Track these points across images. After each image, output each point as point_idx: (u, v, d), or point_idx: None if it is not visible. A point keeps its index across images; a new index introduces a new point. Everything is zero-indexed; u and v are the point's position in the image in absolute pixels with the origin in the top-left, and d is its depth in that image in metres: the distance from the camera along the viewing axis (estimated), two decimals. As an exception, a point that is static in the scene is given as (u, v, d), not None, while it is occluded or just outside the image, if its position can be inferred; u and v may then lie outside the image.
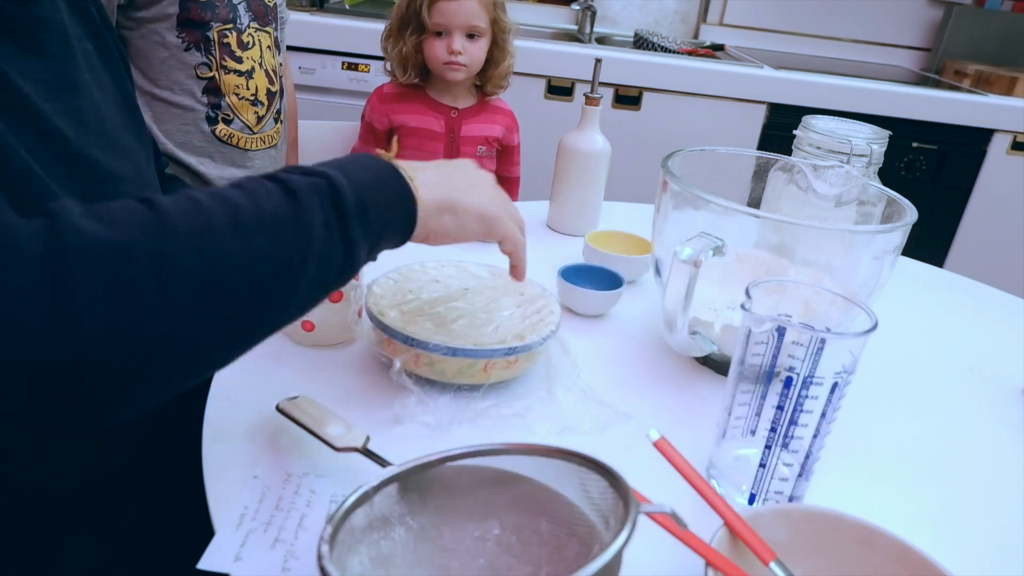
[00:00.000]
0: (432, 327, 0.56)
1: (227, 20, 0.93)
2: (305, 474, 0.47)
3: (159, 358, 0.32)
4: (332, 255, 0.38)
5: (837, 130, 0.73)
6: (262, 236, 0.35)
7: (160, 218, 0.33)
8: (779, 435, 0.45)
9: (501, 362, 0.55)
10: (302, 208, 0.37)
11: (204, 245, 0.33)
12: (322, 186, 0.38)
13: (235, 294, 0.34)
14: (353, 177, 0.40)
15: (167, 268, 0.31)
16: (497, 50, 1.17)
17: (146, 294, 0.31)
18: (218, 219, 0.34)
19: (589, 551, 0.36)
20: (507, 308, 0.60)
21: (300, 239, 0.36)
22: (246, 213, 0.35)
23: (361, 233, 0.39)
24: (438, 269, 0.65)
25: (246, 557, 0.40)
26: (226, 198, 0.35)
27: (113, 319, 0.30)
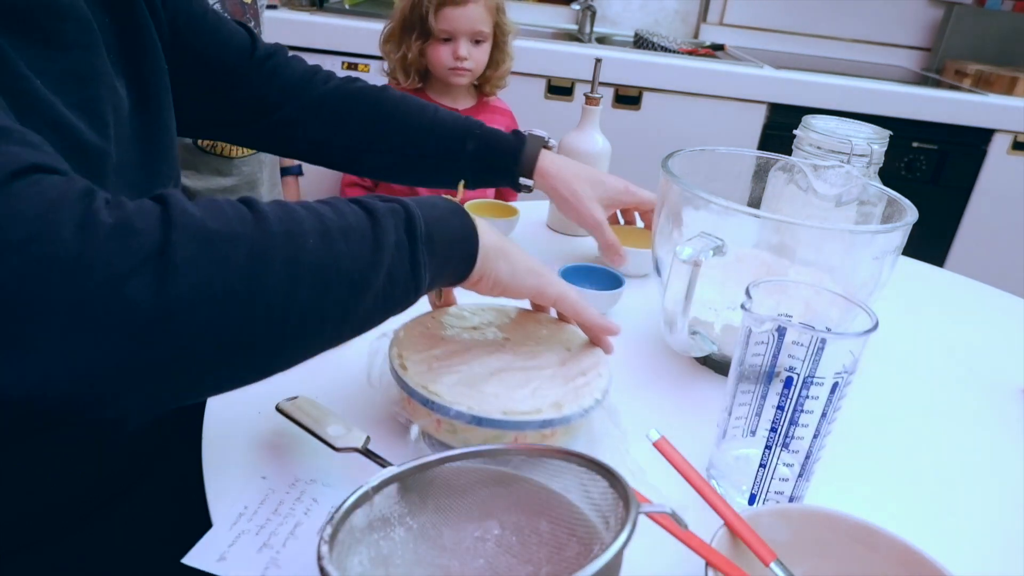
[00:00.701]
0: (460, 386, 0.48)
1: None
2: (312, 481, 0.46)
3: (236, 338, 0.34)
4: (400, 274, 0.41)
5: (837, 130, 0.73)
6: (343, 243, 0.38)
7: (258, 217, 0.36)
8: (779, 435, 0.45)
9: (534, 435, 0.47)
10: (379, 226, 0.40)
11: (293, 243, 0.36)
12: (398, 211, 0.41)
13: (311, 292, 0.36)
14: (424, 210, 0.43)
15: (259, 256, 0.34)
16: (498, 52, 1.17)
17: (236, 276, 0.33)
18: (307, 224, 0.37)
19: (589, 551, 0.36)
20: (549, 366, 0.51)
21: (376, 252, 0.39)
22: (331, 222, 0.38)
23: (427, 259, 0.42)
24: (477, 315, 0.57)
25: (231, 558, 0.40)
26: (314, 209, 0.39)
27: (205, 290, 0.32)
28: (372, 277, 0.39)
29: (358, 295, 0.38)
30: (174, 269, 0.31)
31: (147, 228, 0.32)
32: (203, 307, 0.32)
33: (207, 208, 0.34)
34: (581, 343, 0.55)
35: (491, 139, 0.72)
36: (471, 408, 0.46)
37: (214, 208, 0.35)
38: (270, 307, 0.34)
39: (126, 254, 0.30)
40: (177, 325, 0.31)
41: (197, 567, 0.39)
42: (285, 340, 0.36)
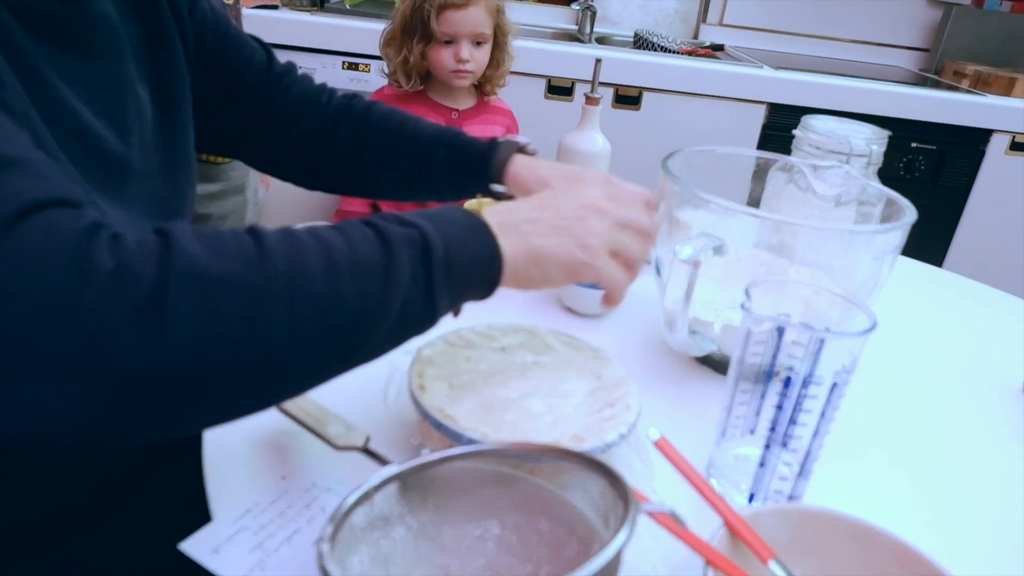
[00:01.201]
0: (478, 410, 0.46)
1: None
2: (327, 489, 0.46)
3: (233, 384, 0.33)
4: (414, 306, 0.39)
5: (836, 130, 0.73)
6: (351, 280, 0.36)
7: (262, 254, 0.34)
8: (778, 434, 0.45)
9: (551, 468, 0.44)
10: (393, 257, 0.38)
11: (296, 284, 0.34)
12: (415, 238, 0.39)
13: (314, 334, 0.35)
14: (444, 232, 0.40)
15: (259, 300, 0.33)
16: (499, 52, 1.17)
17: (233, 323, 0.32)
18: (314, 260, 0.35)
19: (589, 550, 0.37)
20: (576, 394, 0.49)
21: (387, 287, 0.37)
22: (340, 255, 0.36)
23: (445, 288, 0.40)
24: (508, 335, 0.55)
25: (224, 552, 0.40)
26: (324, 239, 0.37)
27: (199, 341, 0.31)
28: (383, 312, 0.37)
29: (366, 332, 0.37)
30: (170, 319, 0.31)
31: (145, 272, 0.31)
32: (198, 357, 0.31)
33: (210, 246, 0.33)
34: (614, 372, 0.52)
35: (463, 146, 0.70)
36: (485, 436, 0.44)
37: (218, 246, 0.34)
38: (269, 352, 0.33)
39: (121, 303, 0.30)
40: (170, 374, 0.31)
41: (192, 556, 0.39)
42: (287, 381, 0.36)
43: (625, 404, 0.48)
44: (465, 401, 0.47)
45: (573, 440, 0.45)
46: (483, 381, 0.49)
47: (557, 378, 0.51)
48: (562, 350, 0.54)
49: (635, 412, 0.48)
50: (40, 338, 0.29)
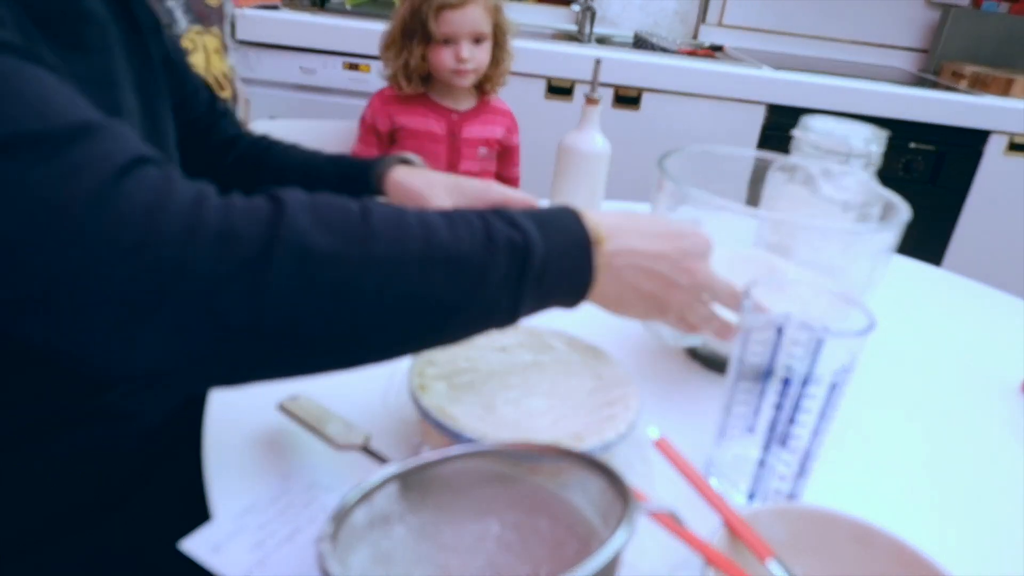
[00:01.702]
0: (478, 409, 0.47)
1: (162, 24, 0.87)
2: (328, 488, 0.46)
3: (317, 346, 0.36)
4: (498, 307, 0.40)
5: (835, 131, 0.73)
6: (443, 273, 0.38)
7: (366, 234, 0.36)
8: (778, 434, 0.46)
9: (551, 467, 0.44)
10: (491, 258, 0.39)
11: (389, 270, 0.36)
12: (519, 244, 0.40)
13: (396, 317, 0.37)
14: (550, 242, 0.41)
15: (350, 281, 0.35)
16: (499, 51, 1.17)
17: (325, 296, 0.35)
18: (413, 247, 0.37)
19: (588, 549, 0.37)
20: (575, 394, 0.50)
21: (476, 284, 0.39)
22: (440, 247, 0.38)
23: (532, 298, 0.41)
24: (506, 335, 0.55)
25: (224, 551, 0.40)
26: (431, 226, 0.38)
27: (293, 306, 0.34)
28: (465, 308, 0.39)
29: (446, 322, 0.39)
30: (267, 282, 0.33)
31: (250, 235, 0.33)
32: (291, 319, 0.34)
33: (319, 219, 0.35)
34: (615, 372, 0.52)
35: (349, 161, 0.73)
36: (485, 435, 0.44)
37: (326, 219, 0.36)
38: (354, 325, 0.36)
39: (227, 261, 0.33)
40: (264, 331, 0.34)
41: (192, 554, 0.40)
42: (364, 354, 0.38)
43: (625, 404, 0.48)
44: (465, 400, 0.47)
45: (573, 439, 0.45)
46: (483, 380, 0.49)
47: (557, 377, 0.51)
48: (562, 349, 0.54)
49: (635, 411, 0.48)
50: (151, 291, 0.32)
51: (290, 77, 1.57)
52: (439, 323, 0.39)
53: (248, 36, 1.50)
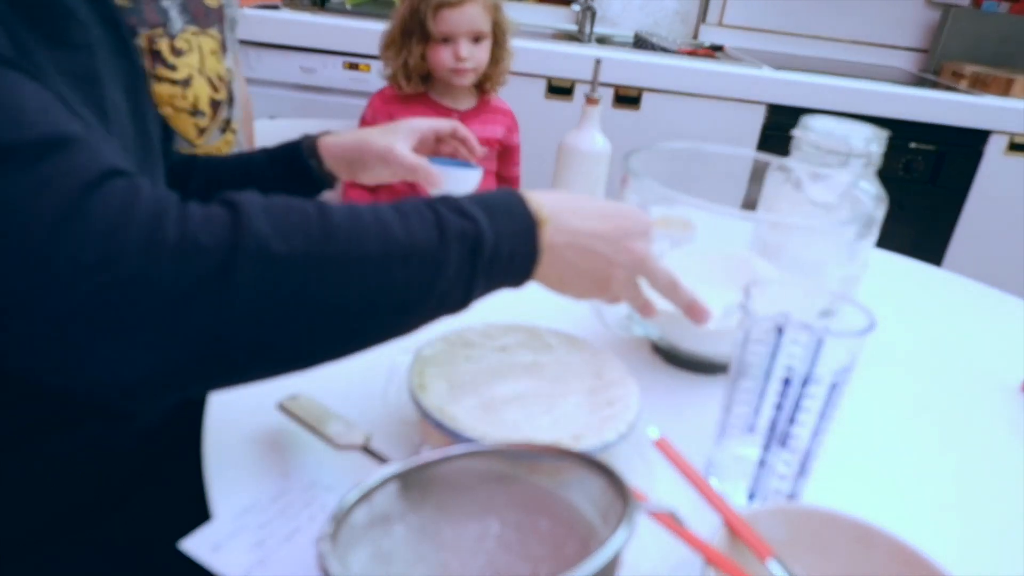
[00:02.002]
0: (478, 410, 0.46)
1: (156, 24, 0.84)
2: (328, 488, 0.46)
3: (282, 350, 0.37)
4: (451, 297, 0.41)
5: (835, 131, 0.73)
6: (402, 270, 0.38)
7: (326, 234, 0.37)
8: (778, 434, 0.46)
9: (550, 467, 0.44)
10: (444, 250, 0.40)
11: (350, 268, 0.37)
12: (470, 233, 0.41)
13: (358, 315, 0.38)
14: (497, 226, 0.42)
15: (312, 281, 0.36)
16: (498, 49, 1.17)
17: (288, 299, 0.35)
18: (372, 245, 0.38)
19: (588, 549, 0.37)
20: (575, 393, 0.49)
21: (432, 277, 0.40)
22: (397, 243, 0.39)
23: (482, 285, 0.43)
24: (508, 335, 0.55)
25: (224, 550, 0.41)
26: (386, 224, 0.39)
27: (257, 314, 0.35)
28: (423, 300, 0.40)
29: (405, 315, 0.40)
30: (232, 294, 0.33)
31: (212, 245, 0.34)
32: (254, 328, 0.35)
33: (277, 222, 0.36)
34: (614, 371, 0.52)
35: (279, 146, 0.74)
36: (485, 435, 0.44)
37: (284, 221, 0.36)
38: (318, 330, 0.37)
39: (189, 274, 0.33)
40: (229, 341, 0.34)
41: (192, 554, 0.40)
42: (326, 352, 0.39)
43: (625, 403, 0.48)
44: (465, 400, 0.47)
45: (573, 439, 0.45)
46: (483, 380, 0.49)
47: (557, 377, 0.51)
48: (562, 349, 0.54)
49: (635, 411, 0.48)
50: (113, 308, 0.32)
51: (290, 77, 1.57)
52: (398, 319, 0.40)
53: (248, 36, 1.50)
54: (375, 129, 0.73)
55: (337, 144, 0.71)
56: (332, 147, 0.71)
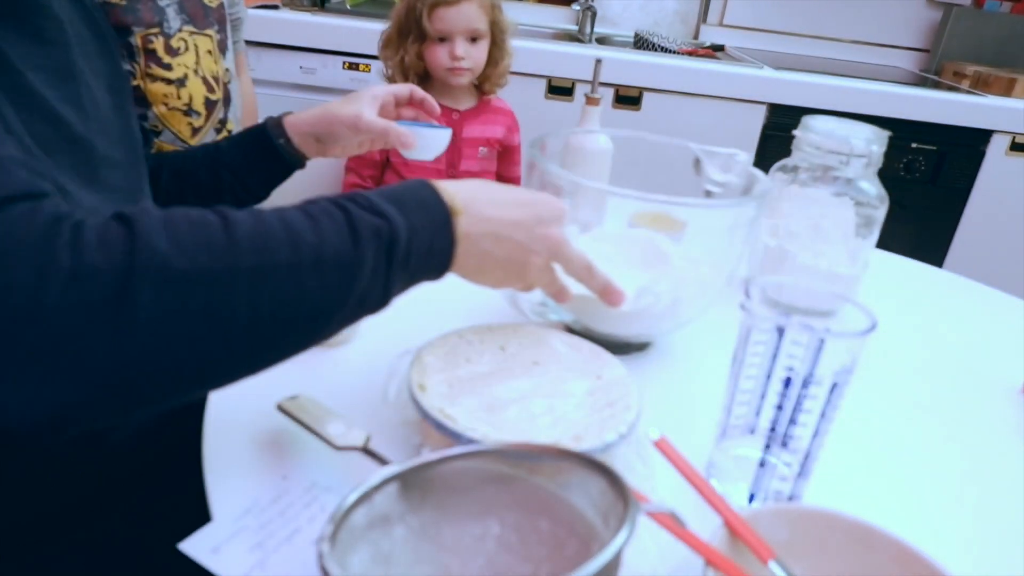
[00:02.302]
0: (478, 411, 0.46)
1: (152, 24, 0.84)
2: (328, 489, 0.46)
3: (193, 371, 0.35)
4: (370, 297, 0.40)
5: (836, 131, 0.73)
6: (314, 278, 0.37)
7: (230, 244, 0.35)
8: (778, 434, 0.45)
9: (550, 468, 0.44)
10: (359, 252, 0.39)
11: (260, 280, 0.35)
12: (383, 231, 0.40)
13: (272, 327, 0.36)
14: (411, 220, 0.41)
15: (219, 297, 0.34)
16: (497, 50, 1.17)
17: (195, 317, 0.33)
18: (281, 254, 0.36)
19: (588, 550, 0.36)
20: (575, 394, 0.49)
21: (348, 282, 0.38)
22: (308, 250, 0.37)
23: (400, 280, 0.42)
24: (507, 336, 0.55)
25: (224, 551, 0.40)
26: (295, 230, 0.37)
27: (162, 335, 0.33)
28: (340, 305, 0.39)
29: (322, 322, 0.39)
30: (133, 316, 0.31)
31: (107, 267, 0.31)
32: (162, 351, 0.33)
33: (176, 236, 0.33)
34: (615, 372, 0.52)
35: (245, 131, 0.75)
36: (486, 435, 0.44)
37: (184, 234, 0.34)
38: (228, 342, 0.35)
39: (85, 302, 0.31)
40: (134, 366, 0.32)
41: (191, 555, 0.39)
42: (246, 367, 0.37)
43: (625, 404, 0.48)
44: (465, 401, 0.47)
45: (573, 440, 0.45)
46: (483, 381, 0.49)
47: (557, 378, 0.51)
48: (562, 350, 0.54)
49: (635, 412, 0.48)
50: (9, 338, 0.30)
51: (290, 77, 1.57)
52: (317, 326, 0.38)
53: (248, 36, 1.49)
54: (336, 101, 0.74)
55: (303, 121, 0.72)
56: (299, 124, 0.72)
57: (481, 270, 0.48)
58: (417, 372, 0.49)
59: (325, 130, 0.72)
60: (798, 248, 0.75)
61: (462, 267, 0.46)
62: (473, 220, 0.45)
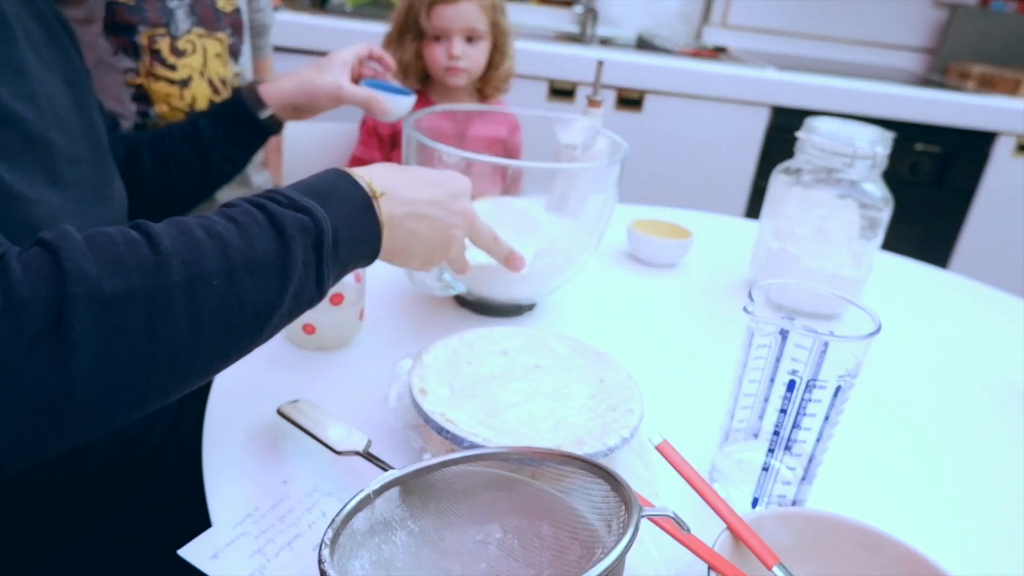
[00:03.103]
0: (480, 414, 0.46)
1: (158, 24, 0.86)
2: (328, 494, 0.46)
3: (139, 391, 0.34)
4: (304, 291, 0.41)
5: (840, 132, 0.73)
6: (248, 281, 0.37)
7: (159, 260, 0.34)
8: (782, 438, 0.45)
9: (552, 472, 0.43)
10: (287, 250, 0.39)
11: (195, 291, 0.35)
12: (308, 226, 0.40)
13: (215, 335, 0.36)
14: (334, 212, 0.42)
15: (160, 313, 0.34)
16: (497, 54, 1.17)
17: (135, 338, 0.33)
18: (212, 263, 0.36)
19: (591, 555, 0.36)
20: (578, 397, 0.49)
21: (281, 280, 0.39)
22: (237, 255, 0.37)
23: (332, 270, 0.43)
24: (510, 339, 0.55)
25: (224, 557, 0.40)
26: (221, 237, 0.37)
27: (104, 360, 0.32)
28: (277, 304, 0.39)
29: (262, 323, 0.39)
30: (71, 344, 0.31)
31: (38, 297, 0.31)
32: (106, 375, 0.32)
33: (104, 259, 0.33)
34: (617, 376, 0.52)
35: (216, 106, 0.78)
36: (487, 440, 0.44)
37: (111, 257, 0.33)
38: (172, 357, 0.34)
39: (19, 334, 0.30)
40: (79, 394, 0.31)
41: (191, 561, 0.39)
42: (191, 378, 0.37)
43: (627, 408, 0.48)
44: (467, 405, 0.47)
45: (575, 444, 0.44)
46: (485, 385, 0.49)
47: (559, 381, 0.50)
48: (564, 353, 0.54)
49: (637, 415, 0.48)
50: None
51: (293, 80, 1.57)
52: (258, 327, 0.39)
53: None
54: (310, 70, 0.78)
55: (282, 92, 0.76)
56: (278, 95, 0.76)
57: (409, 250, 0.49)
58: (418, 376, 0.49)
59: (307, 101, 0.77)
60: (802, 251, 0.75)
61: (390, 250, 0.47)
62: (394, 202, 0.46)
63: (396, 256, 0.49)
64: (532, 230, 0.67)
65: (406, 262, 0.50)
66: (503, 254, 0.58)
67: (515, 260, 0.58)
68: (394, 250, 0.48)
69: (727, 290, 0.83)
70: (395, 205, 0.46)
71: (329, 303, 0.60)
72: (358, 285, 0.62)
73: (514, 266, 0.58)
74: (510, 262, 0.58)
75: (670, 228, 0.90)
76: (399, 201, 0.47)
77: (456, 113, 1.17)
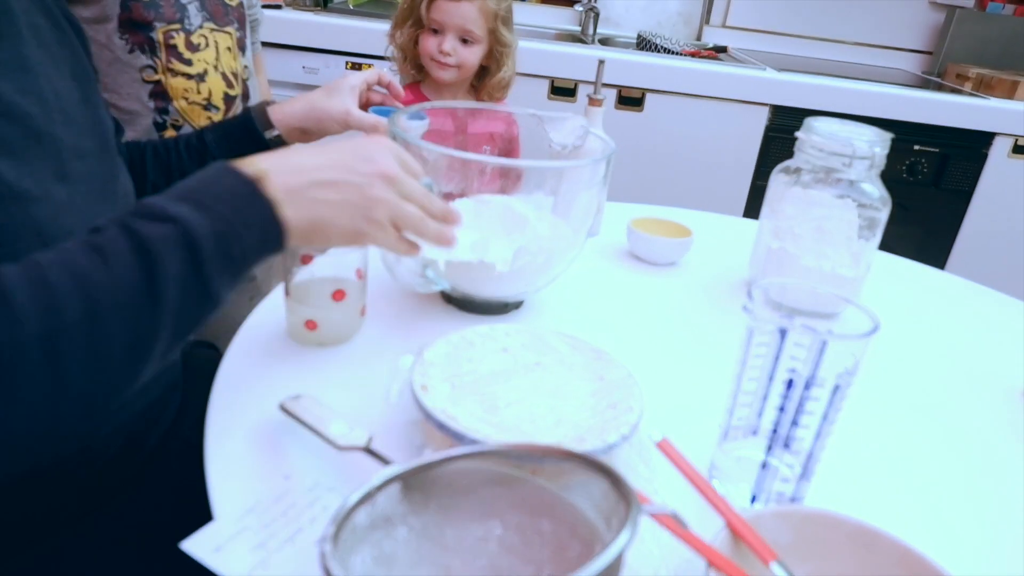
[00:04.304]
0: (480, 411, 0.46)
1: (173, 20, 0.87)
2: (330, 489, 0.46)
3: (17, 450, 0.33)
4: (189, 308, 0.38)
5: (839, 132, 0.73)
6: (116, 319, 0.35)
7: (11, 317, 0.32)
8: (781, 436, 0.45)
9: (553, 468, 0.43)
10: (154, 272, 0.36)
11: (55, 345, 0.33)
12: (176, 238, 0.37)
13: (87, 382, 0.35)
14: (211, 210, 0.39)
15: (13, 376, 0.32)
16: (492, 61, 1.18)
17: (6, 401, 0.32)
18: (72, 312, 0.34)
19: (591, 551, 0.36)
20: (578, 395, 0.49)
21: (153, 306, 0.36)
22: (100, 291, 0.35)
23: (223, 273, 0.40)
24: (510, 336, 0.55)
25: (226, 551, 0.40)
26: (80, 276, 0.35)
27: None
28: (156, 331, 0.37)
29: (143, 354, 0.37)
30: None
31: None
32: None
33: None
34: (617, 373, 0.52)
35: (223, 122, 0.76)
36: (488, 436, 0.43)
37: None
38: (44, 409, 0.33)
39: None
40: None
41: (193, 554, 0.39)
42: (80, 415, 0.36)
43: (627, 405, 0.48)
44: (467, 401, 0.47)
45: (575, 441, 0.45)
46: (485, 381, 0.49)
47: (559, 379, 0.51)
48: (564, 351, 0.54)
49: (637, 413, 0.48)
50: None
51: (293, 77, 1.57)
52: (136, 359, 0.37)
53: (252, 36, 1.50)
54: (319, 93, 0.76)
55: (291, 114, 0.75)
56: (287, 117, 0.75)
57: (325, 221, 0.44)
58: (419, 372, 0.49)
59: (314, 125, 0.75)
60: (801, 250, 0.75)
61: (301, 227, 0.43)
62: (285, 175, 0.43)
63: (314, 232, 0.44)
64: (519, 227, 0.67)
65: (329, 236, 0.45)
66: (439, 212, 0.50)
67: (450, 214, 0.51)
68: (306, 226, 0.44)
69: (727, 289, 0.83)
70: (287, 177, 0.43)
71: (331, 299, 0.60)
72: (360, 282, 0.62)
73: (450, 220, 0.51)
74: (446, 217, 0.51)
75: (670, 227, 0.90)
76: (290, 172, 0.43)
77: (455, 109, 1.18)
